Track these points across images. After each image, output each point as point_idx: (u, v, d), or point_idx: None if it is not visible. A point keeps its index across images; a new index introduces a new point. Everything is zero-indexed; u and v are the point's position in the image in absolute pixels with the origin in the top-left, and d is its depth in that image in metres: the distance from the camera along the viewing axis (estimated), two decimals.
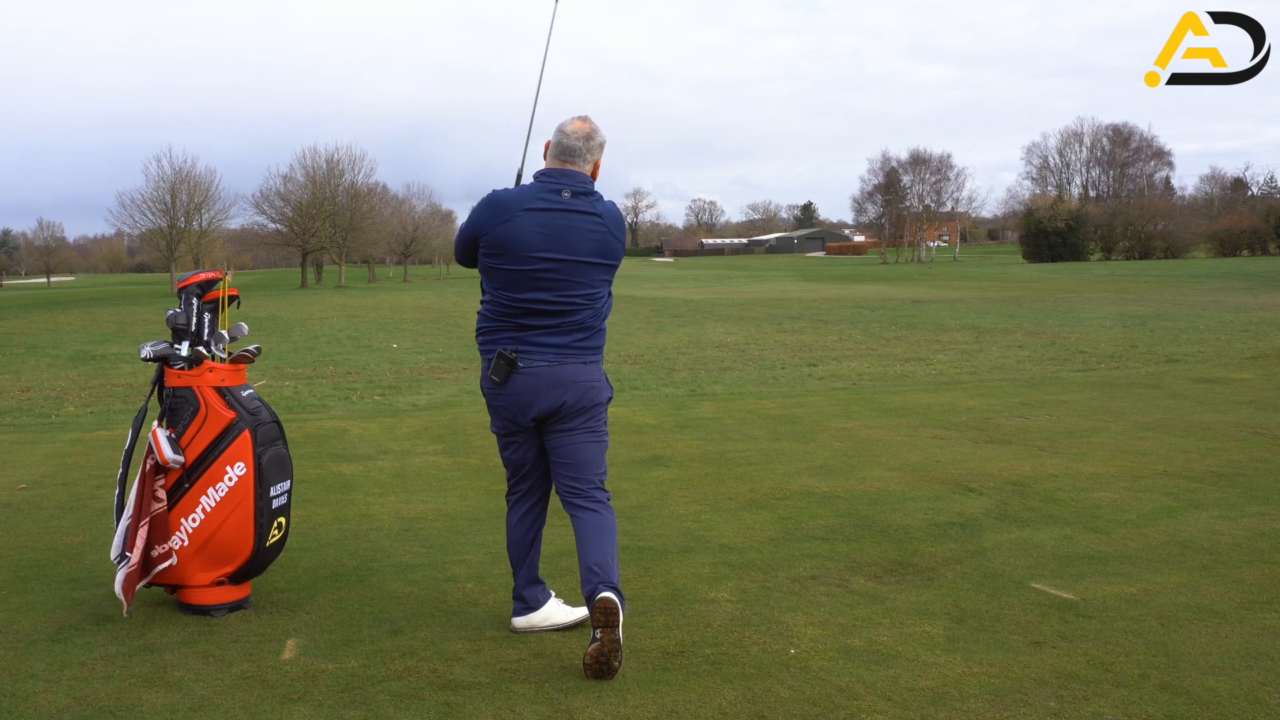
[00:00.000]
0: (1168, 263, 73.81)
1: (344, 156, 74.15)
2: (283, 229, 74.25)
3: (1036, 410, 10.70)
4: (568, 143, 4.35)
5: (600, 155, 4.42)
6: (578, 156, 4.35)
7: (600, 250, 4.33)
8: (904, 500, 6.92)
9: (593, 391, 4.39)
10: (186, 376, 4.86)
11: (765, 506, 6.82)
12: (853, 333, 21.81)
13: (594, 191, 4.36)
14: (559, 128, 4.39)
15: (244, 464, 4.80)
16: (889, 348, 18.42)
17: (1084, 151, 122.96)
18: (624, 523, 6.40)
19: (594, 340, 4.41)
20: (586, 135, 4.35)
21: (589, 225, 4.30)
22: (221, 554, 4.81)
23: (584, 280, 4.31)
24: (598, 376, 4.41)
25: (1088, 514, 6.49)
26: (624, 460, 8.38)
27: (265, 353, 19.00)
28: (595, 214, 4.31)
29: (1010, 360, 15.87)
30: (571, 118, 4.40)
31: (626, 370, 15.50)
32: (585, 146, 4.35)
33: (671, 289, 49.66)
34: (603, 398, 4.45)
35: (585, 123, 4.38)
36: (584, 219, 4.30)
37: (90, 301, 50.46)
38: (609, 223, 4.36)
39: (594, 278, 4.32)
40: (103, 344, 23.45)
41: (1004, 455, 8.37)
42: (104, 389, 14.51)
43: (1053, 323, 23.28)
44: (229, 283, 5.13)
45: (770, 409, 11.14)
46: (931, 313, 27.77)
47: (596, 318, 4.39)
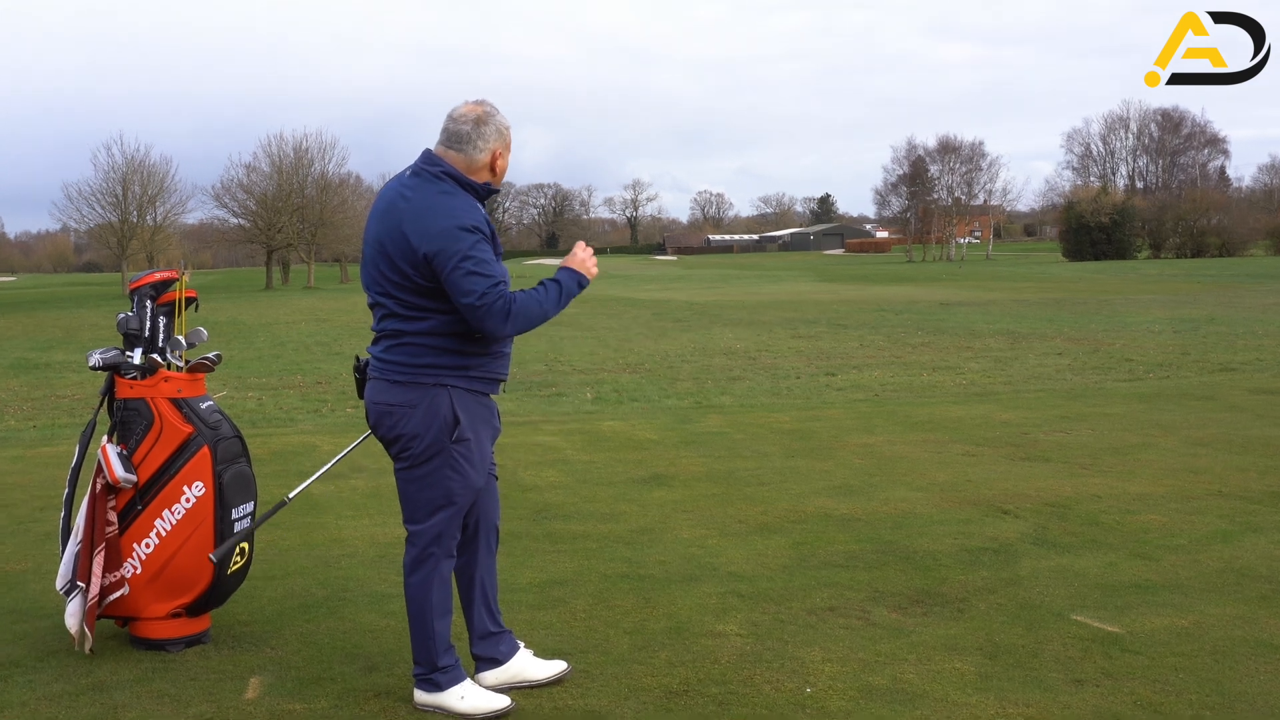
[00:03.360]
0: (1223, 261, 73.89)
1: (313, 144, 74.32)
2: (245, 224, 74.29)
3: (1078, 424, 10.71)
4: (454, 128, 4.14)
5: (499, 146, 4.17)
6: (466, 143, 4.12)
7: (389, 239, 4.06)
8: (931, 523, 6.92)
9: (389, 418, 4.12)
10: (139, 387, 4.87)
11: (778, 530, 6.82)
12: (875, 338, 21.82)
13: (440, 174, 4.08)
14: (448, 113, 4.19)
15: (203, 483, 4.80)
16: (915, 355, 18.44)
17: (1130, 138, 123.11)
18: (622, 548, 6.41)
19: (401, 354, 4.10)
20: (477, 119, 4.14)
21: (395, 207, 4.09)
22: (178, 583, 4.81)
23: (380, 275, 4.11)
24: (399, 400, 4.10)
25: (1134, 538, 6.49)
26: (622, 480, 8.39)
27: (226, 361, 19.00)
28: (406, 195, 4.09)
29: (1049, 369, 15.88)
30: (464, 102, 4.20)
31: (625, 380, 15.51)
32: (475, 132, 4.12)
33: (675, 290, 49.69)
34: (404, 430, 4.11)
35: (479, 106, 4.18)
36: (398, 200, 4.09)
37: (33, 304, 50.52)
38: (412, 204, 4.06)
39: (388, 272, 4.07)
40: (46, 351, 23.46)
41: (1042, 474, 8.37)
42: (48, 401, 14.52)
43: (1096, 327, 23.30)
44: (186, 283, 5.14)
45: (784, 423, 11.15)
46: (962, 316, 27.78)
47: (410, 325, 4.09)
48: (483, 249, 4.01)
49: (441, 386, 4.09)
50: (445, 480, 4.14)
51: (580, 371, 16.72)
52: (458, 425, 4.10)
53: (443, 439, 4.10)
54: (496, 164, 4.19)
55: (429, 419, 4.08)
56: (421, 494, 4.17)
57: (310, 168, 73.99)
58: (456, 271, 3.94)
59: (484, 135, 4.14)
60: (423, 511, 4.18)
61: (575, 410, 12.54)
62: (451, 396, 4.10)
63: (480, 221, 4.04)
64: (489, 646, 4.46)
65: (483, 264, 3.98)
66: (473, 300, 3.94)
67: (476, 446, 4.19)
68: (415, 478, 4.17)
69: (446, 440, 4.10)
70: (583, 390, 14.34)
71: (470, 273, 3.94)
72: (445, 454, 4.12)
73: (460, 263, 3.94)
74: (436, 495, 4.16)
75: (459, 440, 4.12)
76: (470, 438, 4.15)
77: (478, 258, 3.97)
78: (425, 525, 4.19)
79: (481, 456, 4.23)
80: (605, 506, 7.54)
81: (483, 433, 4.23)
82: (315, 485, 8.31)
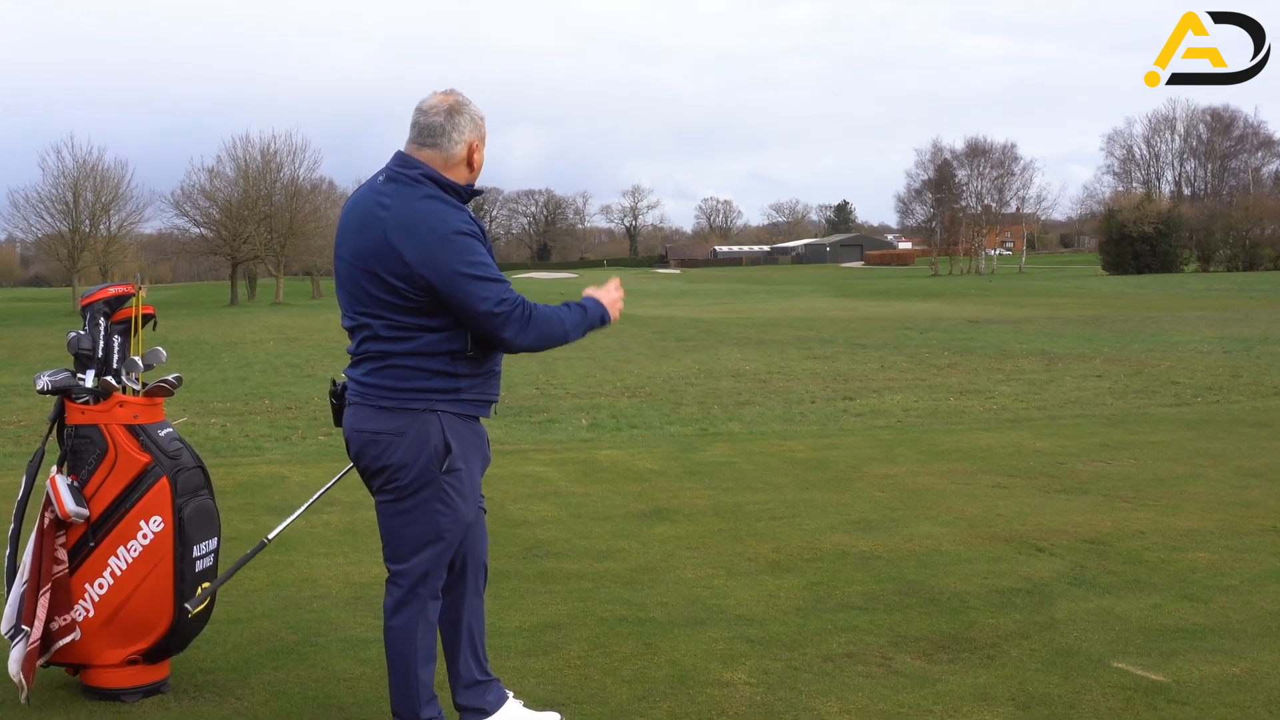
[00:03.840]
0: (1278, 274, 73.93)
1: (282, 147, 74.67)
2: (208, 234, 74.47)
3: (1119, 453, 10.71)
4: (425, 121, 4.10)
5: (474, 137, 4.15)
6: (440, 136, 4.09)
7: (371, 253, 4.03)
8: (959, 562, 6.93)
9: (374, 447, 4.10)
10: (92, 412, 4.87)
11: (791, 569, 6.83)
12: (897, 359, 21.84)
13: (418, 178, 4.06)
14: (416, 106, 4.16)
15: (161, 518, 4.80)
16: (941, 378, 18.45)
17: (1176, 140, 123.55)
18: (621, 589, 6.41)
19: (387, 377, 4.08)
20: (449, 110, 4.11)
21: (375, 217, 4.05)
22: (134, 627, 4.81)
23: (361, 293, 4.09)
24: (386, 428, 4.07)
25: (1181, 578, 6.49)
26: (621, 514, 8.39)
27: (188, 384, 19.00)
28: (385, 204, 4.05)
29: (1087, 393, 15.89)
30: (432, 93, 4.17)
31: (623, 405, 15.52)
32: (448, 123, 4.09)
33: (678, 306, 49.75)
34: (391, 460, 4.09)
35: (449, 95, 4.15)
36: (376, 209, 4.07)
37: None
38: (393, 215, 4.02)
39: (374, 290, 4.04)
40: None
41: (1080, 508, 8.38)
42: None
43: (1139, 347, 23.32)
44: (143, 299, 5.15)
45: (797, 451, 11.15)
46: (992, 335, 27.80)
47: (396, 345, 4.07)
48: (482, 252, 4.01)
49: (432, 412, 4.07)
50: (434, 514, 4.12)
51: (574, 395, 16.72)
52: (449, 454, 4.08)
53: (432, 469, 4.08)
54: (474, 158, 4.16)
55: (418, 447, 4.05)
56: (407, 530, 4.15)
57: (279, 172, 74.26)
58: (461, 279, 3.92)
59: (458, 126, 4.11)
60: (408, 548, 4.16)
61: (569, 438, 12.54)
62: (442, 422, 4.07)
63: (471, 224, 4.03)
64: (475, 696, 4.45)
65: (488, 268, 3.98)
66: (489, 307, 3.94)
67: (468, 477, 4.17)
68: (400, 512, 4.14)
69: (436, 470, 4.08)
70: (577, 416, 14.34)
71: (478, 278, 3.93)
72: (434, 485, 4.09)
73: (464, 270, 3.93)
74: (424, 531, 4.13)
75: (450, 470, 4.10)
76: (461, 467, 4.12)
77: (481, 262, 3.97)
78: (410, 564, 4.17)
79: (473, 488, 4.22)
80: (602, 543, 7.54)
81: (474, 462, 4.22)
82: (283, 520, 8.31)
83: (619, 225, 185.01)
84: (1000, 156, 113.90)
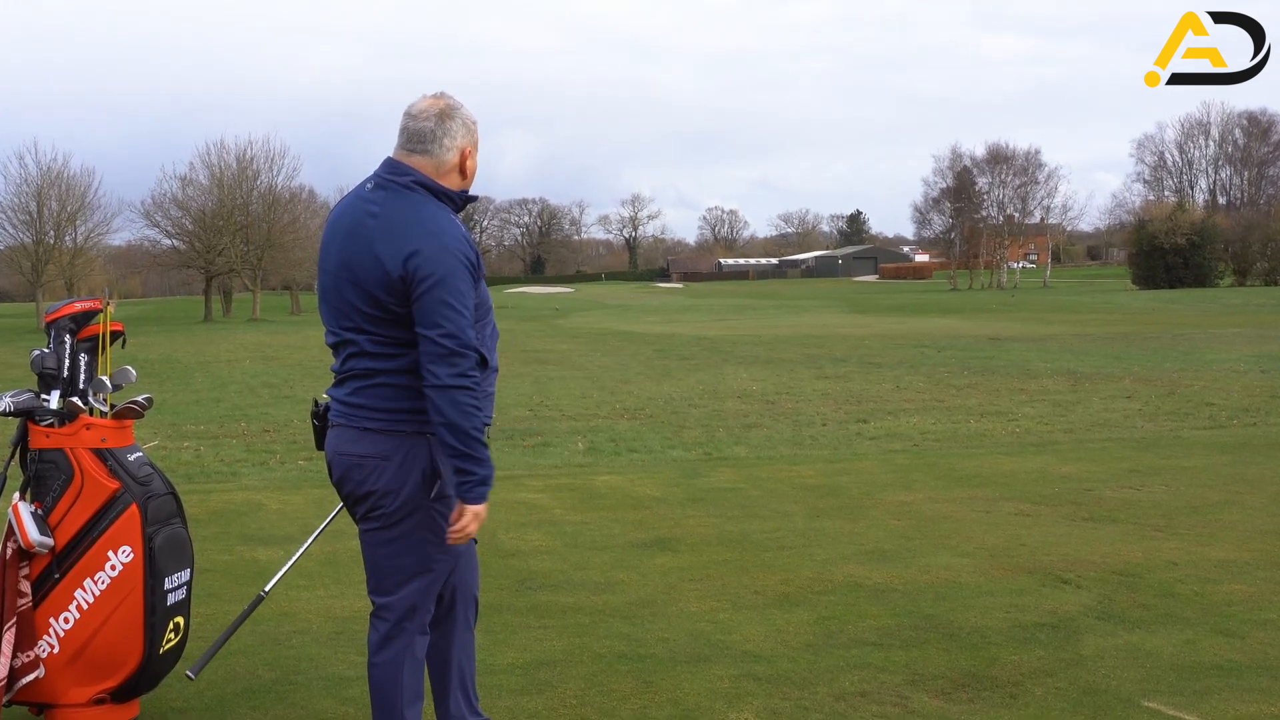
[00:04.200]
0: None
1: (259, 153, 74.60)
2: (181, 246, 74.45)
3: (1150, 479, 10.72)
4: (414, 126, 4.11)
5: (467, 143, 4.16)
6: (430, 142, 4.10)
7: (357, 264, 4.03)
8: (979, 594, 6.93)
9: (358, 472, 4.10)
10: (57, 436, 4.88)
11: (801, 603, 6.83)
12: (914, 379, 21.85)
13: (409, 185, 4.07)
14: (405, 110, 4.17)
15: (130, 548, 4.80)
16: (960, 399, 18.46)
17: (1211, 146, 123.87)
18: (620, 624, 6.41)
19: (374, 397, 4.08)
20: (440, 114, 4.12)
21: (363, 226, 4.07)
22: (102, 664, 4.80)
23: (347, 306, 4.08)
24: (372, 451, 4.07)
25: (1216, 612, 6.49)
26: (620, 544, 8.39)
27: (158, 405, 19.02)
28: (373, 212, 4.07)
29: (1116, 415, 15.90)
30: (422, 96, 4.19)
31: (622, 428, 15.52)
32: (439, 128, 4.10)
33: (680, 323, 49.75)
34: (376, 485, 4.08)
35: (439, 99, 4.16)
36: (365, 218, 4.07)
37: None
38: (382, 223, 4.03)
39: (359, 304, 4.04)
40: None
41: (1108, 537, 8.38)
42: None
43: (1171, 366, 23.33)
44: (112, 315, 5.16)
45: (807, 477, 11.15)
46: (1015, 353, 27.82)
47: (384, 363, 4.06)
48: (464, 282, 3.96)
49: (421, 435, 4.06)
50: (422, 545, 4.11)
51: (570, 417, 16.73)
52: (439, 480, 4.07)
53: (420, 496, 4.07)
54: (466, 164, 4.17)
55: (405, 473, 4.04)
56: (393, 560, 4.14)
57: (255, 180, 74.24)
58: (429, 296, 3.89)
59: (450, 131, 4.11)
60: (394, 580, 4.16)
61: (565, 463, 12.54)
62: (432, 446, 4.06)
63: (464, 244, 3.99)
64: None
65: (461, 298, 3.94)
66: (436, 334, 3.88)
67: (458, 504, 4.13)
68: (386, 541, 4.13)
69: (425, 497, 4.07)
70: (573, 439, 14.35)
71: (444, 302, 3.89)
72: (423, 513, 4.08)
73: (435, 287, 3.90)
74: (411, 562, 4.13)
75: (439, 498, 4.09)
76: (452, 494, 4.09)
77: (458, 288, 3.93)
78: (397, 597, 4.16)
79: None
80: (600, 575, 7.54)
81: None
82: (260, 550, 8.32)
83: (617, 236, 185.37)
84: (1023, 163, 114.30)
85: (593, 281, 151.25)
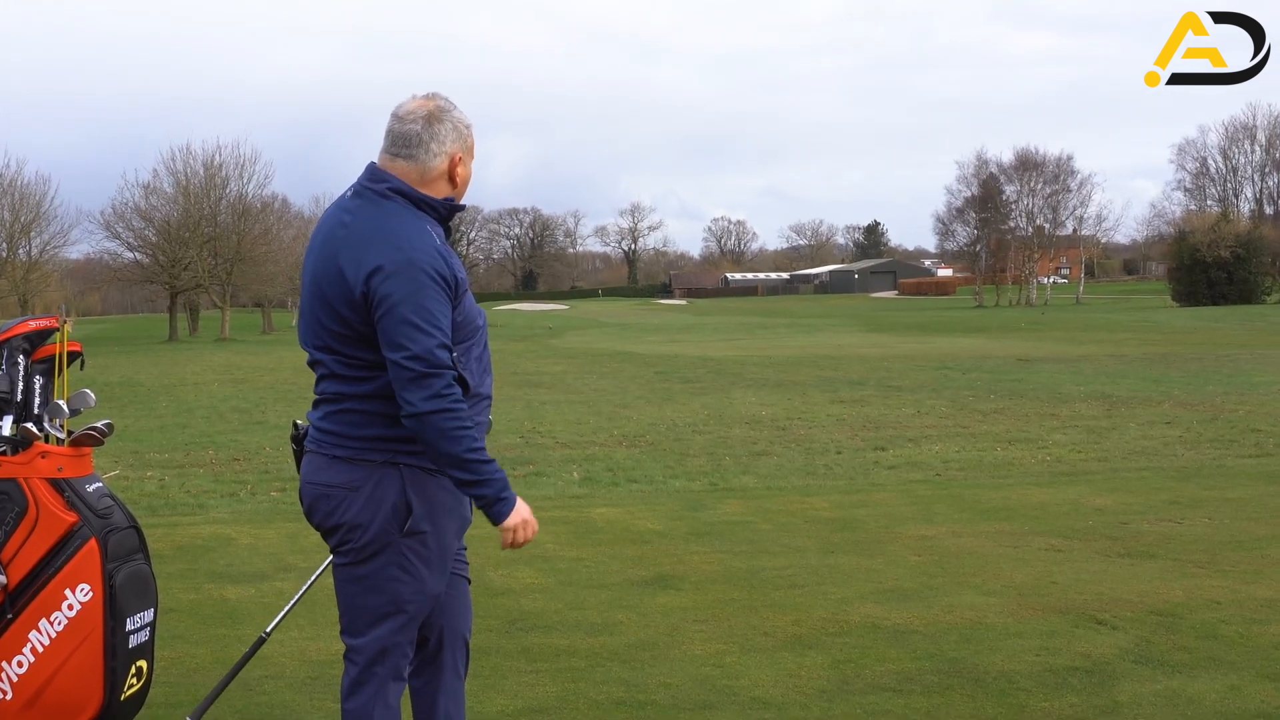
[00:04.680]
0: None
1: (228, 159, 74.89)
2: (144, 259, 74.56)
3: (1191, 512, 10.71)
4: (401, 129, 4.10)
5: (458, 149, 4.13)
6: (417, 147, 4.08)
7: (325, 277, 4.03)
8: (1007, 636, 6.93)
9: (325, 502, 4.09)
10: (9, 465, 4.89)
11: (814, 645, 6.83)
12: (936, 403, 21.85)
13: (385, 193, 4.05)
14: (393, 111, 4.15)
15: (90, 586, 4.81)
16: (986, 424, 18.46)
17: (1257, 152, 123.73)
18: (619, 668, 6.41)
19: (341, 422, 4.08)
20: (428, 116, 4.09)
21: (334, 237, 4.07)
22: (59, 710, 4.81)
23: (317, 324, 4.08)
24: (339, 481, 4.06)
25: (1263, 656, 6.49)
26: (618, 581, 8.39)
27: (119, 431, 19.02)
28: (345, 222, 4.06)
29: (1155, 442, 15.90)
30: (412, 97, 4.17)
31: (621, 456, 15.53)
32: (427, 132, 4.08)
33: (683, 343, 49.76)
34: (344, 518, 4.07)
35: (430, 100, 4.14)
36: (337, 228, 4.08)
37: None
38: (352, 230, 4.03)
39: (326, 320, 4.04)
40: None
41: (1146, 574, 8.38)
42: None
43: (1214, 389, 23.33)
44: (69, 334, 5.18)
45: (821, 510, 11.16)
46: (1045, 376, 27.83)
47: (352, 386, 4.06)
48: (434, 299, 3.92)
49: (393, 465, 4.04)
50: (393, 583, 4.09)
51: (565, 445, 16.73)
52: (410, 514, 4.05)
53: (391, 531, 4.05)
54: (456, 172, 4.14)
55: (375, 505, 4.02)
56: (363, 599, 4.12)
57: (225, 189, 74.43)
58: (391, 316, 3.86)
59: (438, 136, 4.08)
60: (364, 621, 4.14)
61: (558, 494, 12.54)
62: (404, 478, 4.04)
63: (436, 257, 3.94)
64: None
65: (429, 316, 3.89)
66: (401, 357, 3.85)
67: (436, 541, 4.12)
68: (356, 578, 4.12)
69: (396, 532, 4.05)
70: (568, 468, 14.35)
71: (408, 322, 3.86)
72: (394, 550, 4.06)
73: (399, 305, 3.86)
74: (382, 602, 4.11)
75: (411, 533, 4.06)
76: (427, 530, 4.08)
77: (424, 306, 3.88)
78: (367, 639, 4.14)
79: (442, 553, 4.17)
80: (596, 615, 7.54)
81: (445, 524, 4.16)
82: (230, 588, 8.32)
83: (616, 249, 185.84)
84: (1055, 170, 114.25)
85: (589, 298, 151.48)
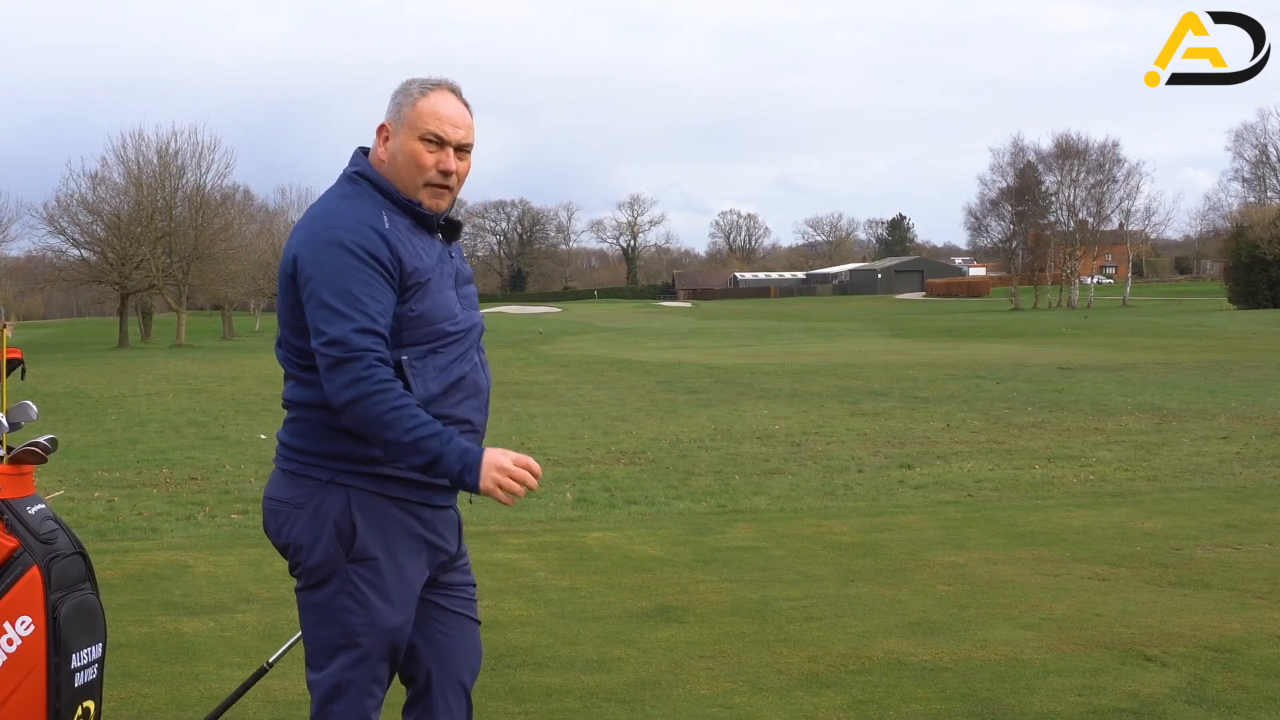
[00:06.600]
0: None
1: (184, 146, 74.94)
2: (91, 257, 74.63)
3: (1250, 536, 10.72)
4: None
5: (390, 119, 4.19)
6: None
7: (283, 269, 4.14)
8: (1046, 674, 6.93)
9: (274, 518, 4.15)
10: None
11: (833, 683, 6.83)
12: (968, 417, 21.87)
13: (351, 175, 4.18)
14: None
15: (31, 619, 4.81)
16: (1023, 440, 18.48)
17: None
18: (616, 709, 6.41)
19: (291, 433, 4.17)
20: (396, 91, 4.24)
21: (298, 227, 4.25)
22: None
23: (279, 316, 4.22)
24: (286, 496, 4.13)
25: None
26: (616, 614, 8.39)
27: (64, 447, 19.02)
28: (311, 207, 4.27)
29: (1209, 459, 15.91)
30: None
31: (619, 474, 15.53)
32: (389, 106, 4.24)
33: (688, 349, 49.81)
34: (291, 537, 4.11)
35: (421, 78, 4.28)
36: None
37: None
38: (304, 215, 4.22)
39: (282, 309, 4.16)
40: None
41: (1200, 605, 8.38)
42: None
43: (1275, 401, 23.35)
44: (9, 339, 5.18)
45: (840, 534, 11.16)
46: (1089, 386, 27.86)
47: (299, 391, 4.12)
48: (359, 280, 3.91)
49: (337, 485, 4.05)
50: (343, 613, 4.07)
51: (557, 462, 16.73)
52: (355, 536, 4.02)
53: (336, 555, 4.03)
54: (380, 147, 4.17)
55: (318, 526, 4.03)
56: (318, 629, 4.13)
57: (180, 179, 74.49)
58: (311, 300, 3.92)
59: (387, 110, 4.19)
60: (321, 653, 4.13)
61: (550, 516, 12.54)
62: (350, 497, 4.03)
63: (371, 235, 3.94)
64: None
65: (349, 298, 3.88)
66: (319, 344, 3.89)
67: (390, 568, 4.07)
68: (311, 605, 4.13)
69: (341, 557, 4.03)
70: (560, 488, 14.35)
71: (324, 304, 3.89)
72: (341, 577, 4.04)
73: (318, 288, 3.91)
74: (334, 634, 4.09)
75: (359, 559, 4.04)
76: (378, 556, 4.05)
77: (344, 288, 3.89)
78: (322, 674, 4.12)
79: (401, 583, 4.11)
80: (592, 650, 7.54)
81: (401, 550, 4.11)
82: (186, 621, 8.32)
83: (613, 246, 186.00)
84: (1099, 158, 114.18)
85: (584, 300, 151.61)
